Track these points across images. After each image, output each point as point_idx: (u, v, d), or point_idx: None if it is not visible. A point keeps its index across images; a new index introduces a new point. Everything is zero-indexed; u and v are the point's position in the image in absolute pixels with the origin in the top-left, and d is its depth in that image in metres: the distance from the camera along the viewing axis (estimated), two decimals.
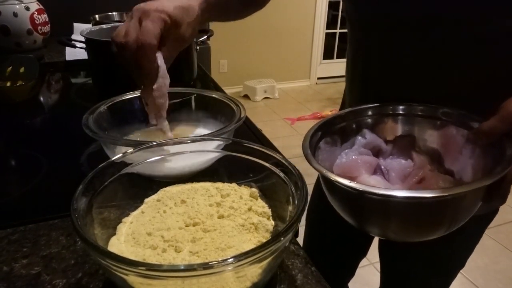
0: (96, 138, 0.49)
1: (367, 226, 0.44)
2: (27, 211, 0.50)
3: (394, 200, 0.38)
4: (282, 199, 0.41)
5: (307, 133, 0.48)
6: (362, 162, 0.48)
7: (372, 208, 0.41)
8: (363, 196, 0.39)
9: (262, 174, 0.43)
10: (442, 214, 0.40)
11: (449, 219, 0.41)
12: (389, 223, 0.42)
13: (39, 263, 0.41)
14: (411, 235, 0.44)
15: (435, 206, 0.39)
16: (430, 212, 0.39)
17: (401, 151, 0.53)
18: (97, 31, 0.90)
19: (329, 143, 0.51)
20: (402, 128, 0.54)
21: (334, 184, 0.40)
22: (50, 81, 1.05)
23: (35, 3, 1.10)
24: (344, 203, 0.44)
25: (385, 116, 0.54)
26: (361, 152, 0.50)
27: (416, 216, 0.40)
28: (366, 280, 0.91)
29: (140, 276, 0.28)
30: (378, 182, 0.47)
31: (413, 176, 0.48)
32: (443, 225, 0.41)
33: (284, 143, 2.46)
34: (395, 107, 0.53)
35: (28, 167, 0.62)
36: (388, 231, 0.44)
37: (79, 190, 0.35)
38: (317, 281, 0.39)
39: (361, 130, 0.53)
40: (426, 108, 0.52)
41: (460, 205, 0.40)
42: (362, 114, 0.54)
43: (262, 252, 0.29)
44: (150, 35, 0.47)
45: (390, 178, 0.49)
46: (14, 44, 1.07)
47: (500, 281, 1.55)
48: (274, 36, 3.42)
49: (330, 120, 0.52)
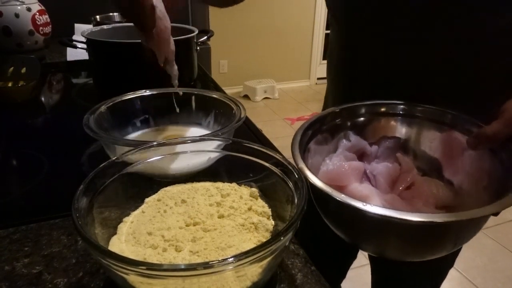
0: (97, 138, 0.49)
1: (363, 244, 0.42)
2: (28, 211, 0.50)
3: (406, 223, 0.33)
4: (282, 199, 0.41)
5: (294, 139, 0.44)
6: (350, 169, 0.44)
7: (376, 229, 0.37)
8: (369, 217, 0.34)
9: (262, 174, 0.43)
10: (452, 235, 0.37)
11: (460, 239, 0.38)
12: (392, 243, 0.39)
13: (40, 262, 0.41)
14: (414, 255, 0.41)
15: (446, 227, 0.35)
16: (440, 233, 0.36)
17: (386, 153, 0.50)
18: (98, 32, 0.90)
19: (320, 142, 0.48)
20: (399, 130, 0.51)
21: (335, 202, 0.35)
22: (51, 82, 1.05)
23: (37, 4, 1.11)
24: (341, 222, 0.41)
25: (381, 115, 0.51)
26: (346, 156, 0.47)
27: (425, 237, 0.37)
28: (365, 280, 0.91)
29: (141, 275, 0.28)
30: (370, 191, 0.43)
31: (402, 181, 0.46)
32: (451, 245, 0.38)
33: (284, 143, 2.45)
34: (393, 106, 0.51)
35: (30, 167, 0.62)
36: (388, 251, 0.41)
37: (80, 190, 0.35)
38: (317, 281, 0.39)
39: (346, 132, 0.50)
40: (427, 109, 0.49)
41: (472, 224, 0.37)
42: (357, 112, 0.51)
43: (262, 251, 0.29)
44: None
45: (378, 184, 0.46)
46: (15, 45, 1.08)
47: (499, 280, 1.55)
48: (274, 36, 3.42)
49: (321, 118, 0.49)
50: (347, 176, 0.44)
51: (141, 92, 0.62)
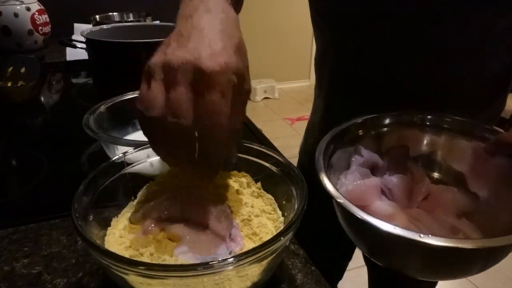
0: (97, 138, 0.49)
1: (385, 261, 0.40)
2: (28, 211, 0.50)
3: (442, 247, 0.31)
4: (282, 199, 0.41)
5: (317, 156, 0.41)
6: (369, 187, 0.43)
7: (408, 251, 0.35)
8: (423, 247, 0.32)
9: (262, 174, 0.43)
10: (488, 258, 0.35)
11: (491, 261, 0.36)
12: (420, 264, 0.37)
13: (40, 262, 0.41)
14: (440, 275, 0.40)
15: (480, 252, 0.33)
16: (473, 257, 0.35)
17: (396, 163, 0.49)
18: (97, 32, 0.90)
19: (340, 159, 0.46)
20: (423, 141, 0.50)
21: (386, 234, 0.32)
22: (51, 81, 1.05)
23: (36, 3, 1.11)
24: (370, 240, 0.39)
25: (406, 126, 0.49)
26: (361, 173, 0.46)
27: (456, 260, 0.35)
28: (365, 280, 0.91)
29: (140, 275, 0.28)
30: (394, 208, 0.42)
31: (419, 192, 0.45)
32: (481, 266, 0.36)
33: (284, 143, 2.45)
34: (422, 117, 0.49)
35: (29, 167, 0.62)
36: (412, 270, 0.39)
37: (80, 190, 0.35)
38: (317, 281, 0.39)
39: (357, 147, 0.48)
40: (455, 120, 0.47)
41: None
42: (380, 123, 0.49)
43: (262, 251, 0.29)
44: (223, 119, 0.31)
45: (394, 197, 0.46)
46: (15, 45, 1.07)
47: (499, 280, 1.55)
48: (274, 36, 3.42)
49: (342, 130, 0.46)
50: (368, 195, 0.43)
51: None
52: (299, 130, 2.84)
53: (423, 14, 0.47)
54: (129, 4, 1.47)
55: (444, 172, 0.50)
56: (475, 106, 0.55)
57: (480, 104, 0.56)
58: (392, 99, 0.52)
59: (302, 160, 0.77)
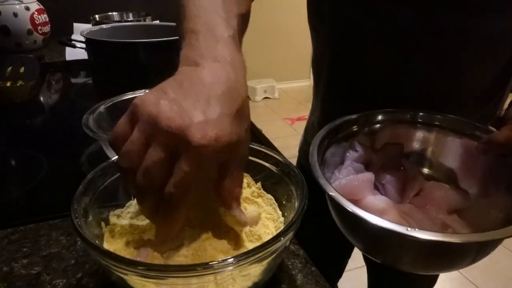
0: (96, 138, 0.49)
1: (379, 256, 0.41)
2: (27, 211, 0.50)
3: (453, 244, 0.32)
4: (282, 199, 0.41)
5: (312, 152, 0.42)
6: (362, 182, 0.44)
7: (398, 245, 0.36)
8: (410, 240, 0.33)
9: (262, 174, 0.43)
10: (478, 251, 0.37)
11: (481, 254, 0.38)
12: (411, 258, 0.39)
13: (39, 263, 0.41)
14: (433, 269, 0.41)
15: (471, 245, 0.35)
16: (465, 250, 0.36)
17: (390, 160, 0.50)
18: (97, 31, 0.89)
19: (334, 154, 0.47)
20: (416, 139, 0.50)
21: (374, 227, 0.33)
22: (50, 81, 1.05)
23: (35, 3, 1.10)
24: (361, 235, 0.40)
25: (400, 124, 0.50)
26: (355, 168, 0.46)
27: (445, 254, 0.37)
28: (365, 280, 0.91)
29: (140, 275, 0.28)
30: (386, 203, 0.43)
31: (411, 188, 0.46)
32: (471, 259, 0.38)
33: (284, 143, 2.45)
34: (413, 114, 0.50)
35: (28, 167, 0.62)
36: (406, 264, 0.40)
37: (79, 190, 0.35)
38: (317, 281, 0.39)
39: (352, 142, 0.49)
40: (447, 118, 0.48)
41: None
42: (374, 120, 0.50)
43: (262, 252, 0.29)
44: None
45: (387, 192, 0.47)
46: (14, 44, 1.07)
47: (499, 280, 1.55)
48: (274, 36, 3.42)
49: (337, 126, 0.47)
50: (361, 189, 0.43)
51: (140, 92, 0.62)
52: (299, 130, 2.84)
53: (422, 15, 0.47)
54: (128, 4, 1.47)
55: (435, 169, 0.51)
56: (473, 105, 0.55)
57: (479, 103, 0.56)
58: (389, 100, 0.52)
59: (301, 160, 0.77)
